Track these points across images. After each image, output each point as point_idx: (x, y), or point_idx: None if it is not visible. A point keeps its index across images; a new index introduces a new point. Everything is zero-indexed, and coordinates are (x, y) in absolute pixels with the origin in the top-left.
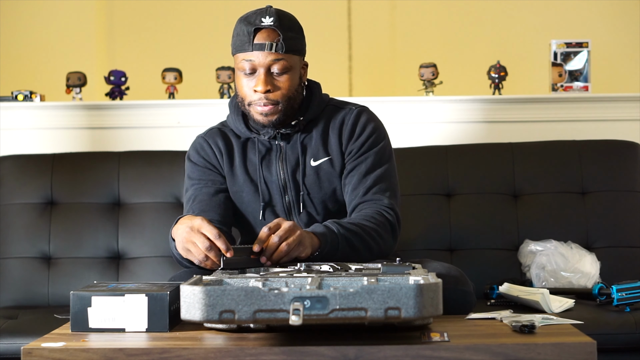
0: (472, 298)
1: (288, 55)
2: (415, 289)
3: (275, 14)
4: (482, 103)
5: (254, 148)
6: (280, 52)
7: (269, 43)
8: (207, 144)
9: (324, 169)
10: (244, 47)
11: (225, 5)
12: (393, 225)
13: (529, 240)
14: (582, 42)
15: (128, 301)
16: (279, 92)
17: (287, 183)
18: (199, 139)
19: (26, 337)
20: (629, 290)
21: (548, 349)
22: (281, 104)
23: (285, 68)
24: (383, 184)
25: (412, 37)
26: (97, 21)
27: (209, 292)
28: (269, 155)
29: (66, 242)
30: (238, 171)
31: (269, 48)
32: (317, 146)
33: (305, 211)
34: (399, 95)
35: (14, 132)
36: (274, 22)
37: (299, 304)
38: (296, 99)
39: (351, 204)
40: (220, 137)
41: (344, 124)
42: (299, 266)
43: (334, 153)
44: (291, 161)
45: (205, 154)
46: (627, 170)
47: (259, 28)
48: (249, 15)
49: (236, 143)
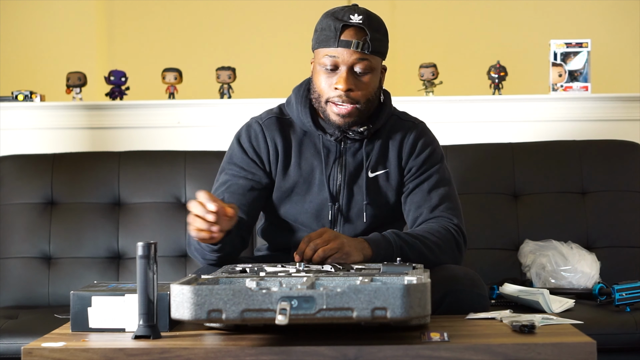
0: (487, 301)
1: (372, 56)
2: (401, 289)
3: (365, 12)
4: (482, 103)
5: (313, 146)
6: (367, 51)
7: (355, 41)
8: (263, 136)
9: (380, 182)
10: (329, 42)
11: (225, 5)
12: (459, 243)
13: (529, 240)
14: (582, 42)
15: (128, 301)
16: (359, 92)
17: (342, 190)
18: (255, 125)
19: (26, 337)
20: (629, 290)
21: (548, 349)
22: (360, 105)
23: (369, 68)
24: (449, 202)
25: (412, 37)
26: (97, 21)
27: (197, 292)
28: (327, 158)
29: (66, 242)
30: (292, 170)
31: (355, 46)
32: (376, 157)
33: (351, 221)
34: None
35: (14, 132)
36: (363, 20)
37: (286, 304)
38: (374, 103)
39: (417, 222)
40: (278, 130)
41: (405, 138)
42: (299, 266)
43: (392, 167)
44: (350, 169)
45: (257, 145)
46: (627, 170)
47: (347, 25)
48: (337, 11)
49: (294, 138)
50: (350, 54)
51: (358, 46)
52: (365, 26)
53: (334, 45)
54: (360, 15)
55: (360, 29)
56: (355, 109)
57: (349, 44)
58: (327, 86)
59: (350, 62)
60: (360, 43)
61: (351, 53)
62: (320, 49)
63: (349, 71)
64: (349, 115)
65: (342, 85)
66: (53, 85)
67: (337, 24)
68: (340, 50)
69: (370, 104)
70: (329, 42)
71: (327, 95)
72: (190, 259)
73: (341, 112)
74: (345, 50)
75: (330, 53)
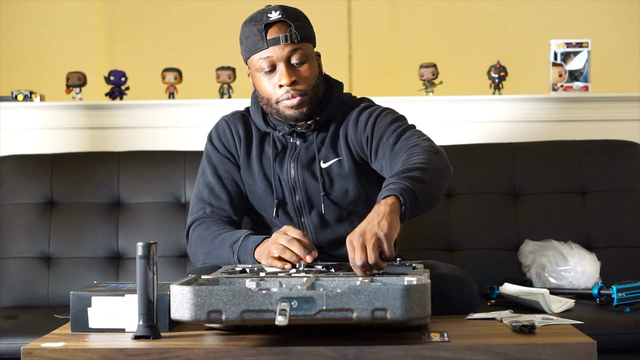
0: (476, 299)
1: (303, 44)
2: (401, 290)
3: (280, 7)
4: (482, 103)
5: (269, 143)
6: (296, 41)
7: (282, 35)
8: (229, 129)
9: (334, 171)
10: (258, 46)
11: (225, 5)
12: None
13: (529, 240)
14: (582, 42)
15: (128, 301)
16: (304, 81)
17: (297, 183)
18: (222, 121)
19: (26, 337)
20: (629, 290)
21: (548, 349)
22: (308, 93)
23: (304, 57)
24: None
25: (412, 37)
26: (97, 21)
27: (197, 292)
28: (283, 153)
29: (66, 242)
30: (254, 164)
31: (284, 40)
32: (327, 147)
33: (315, 211)
34: (399, 95)
35: (14, 132)
36: (281, 14)
37: (286, 305)
38: (319, 88)
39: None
40: (242, 123)
41: (349, 122)
42: (298, 266)
43: (343, 153)
44: (303, 161)
45: (226, 140)
46: (627, 170)
47: (268, 24)
48: (254, 16)
49: (256, 134)
50: (282, 49)
51: (287, 39)
52: (286, 18)
53: (264, 47)
54: (277, 10)
55: (283, 22)
56: (305, 98)
57: (277, 40)
58: (272, 87)
59: (284, 56)
60: (287, 36)
61: (283, 47)
62: (253, 55)
63: (287, 65)
64: (300, 105)
65: (285, 80)
66: (53, 85)
67: (259, 26)
68: (272, 49)
69: (316, 90)
70: (258, 46)
71: (275, 97)
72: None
73: (293, 104)
74: (276, 47)
75: (263, 55)
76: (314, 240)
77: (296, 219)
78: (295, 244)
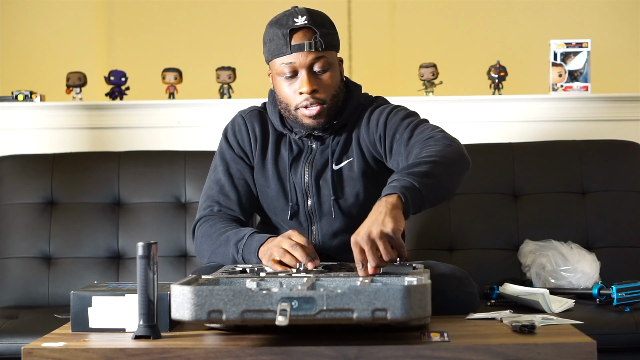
0: (476, 299)
1: (327, 52)
2: (402, 290)
3: (306, 12)
4: (482, 103)
5: (285, 145)
6: (320, 49)
7: (307, 42)
8: (245, 127)
9: (345, 173)
10: (281, 50)
11: (225, 5)
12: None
13: (529, 240)
14: (582, 42)
15: (128, 301)
16: (324, 90)
17: (310, 187)
18: (238, 117)
19: (26, 337)
20: (629, 290)
21: (548, 349)
22: (327, 103)
23: (327, 65)
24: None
25: (412, 37)
26: (97, 21)
27: (198, 292)
28: (298, 156)
29: (66, 242)
30: (269, 165)
31: (308, 47)
32: (341, 149)
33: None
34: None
35: (14, 132)
36: (307, 20)
37: (287, 305)
38: (340, 97)
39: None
40: (259, 121)
41: (362, 123)
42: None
43: (355, 155)
44: (317, 165)
45: (241, 138)
46: (627, 170)
47: (294, 29)
48: (279, 18)
49: (272, 133)
50: (305, 56)
51: (311, 46)
52: (312, 25)
53: (287, 52)
54: (304, 15)
55: (308, 29)
56: (324, 108)
57: (302, 46)
58: (292, 93)
59: (307, 63)
60: (312, 43)
61: (306, 55)
62: (275, 59)
63: (308, 73)
64: (319, 115)
65: (306, 88)
66: (53, 85)
67: (284, 31)
68: (295, 55)
69: (336, 99)
70: (282, 50)
71: (294, 103)
72: (191, 259)
73: (312, 114)
74: (299, 53)
75: (285, 60)
76: (323, 246)
77: (306, 224)
78: (298, 250)
